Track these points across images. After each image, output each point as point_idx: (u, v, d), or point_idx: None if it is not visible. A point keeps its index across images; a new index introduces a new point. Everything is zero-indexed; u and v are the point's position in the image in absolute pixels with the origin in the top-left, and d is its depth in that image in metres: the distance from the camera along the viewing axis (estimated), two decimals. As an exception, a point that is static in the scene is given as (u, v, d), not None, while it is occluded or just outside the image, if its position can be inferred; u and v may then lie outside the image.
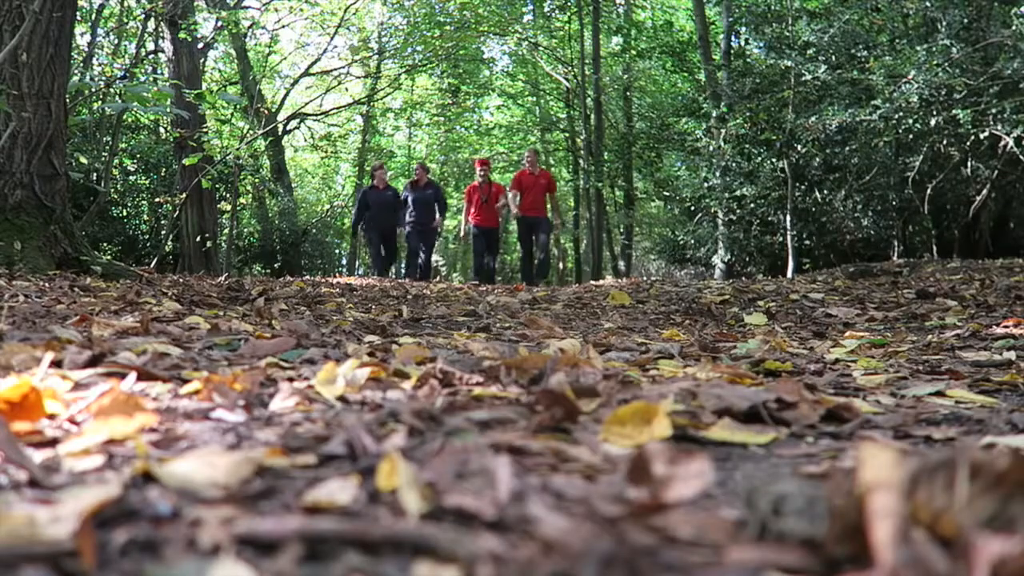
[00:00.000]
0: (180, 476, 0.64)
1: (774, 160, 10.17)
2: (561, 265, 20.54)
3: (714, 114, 10.45)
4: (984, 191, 8.95)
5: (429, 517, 0.58)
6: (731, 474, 0.81)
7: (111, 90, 7.99)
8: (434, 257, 10.59)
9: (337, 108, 17.78)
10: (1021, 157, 7.95)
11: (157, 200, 11.50)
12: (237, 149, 9.29)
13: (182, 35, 9.94)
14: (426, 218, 10.09)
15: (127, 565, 0.49)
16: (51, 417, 0.87)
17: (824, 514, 0.52)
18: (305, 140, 18.58)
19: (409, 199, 10.10)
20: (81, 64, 9.99)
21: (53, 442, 0.78)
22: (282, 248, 13.86)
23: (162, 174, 11.92)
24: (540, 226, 10.10)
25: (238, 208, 12.94)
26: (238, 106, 12.03)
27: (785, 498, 0.55)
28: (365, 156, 19.06)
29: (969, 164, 9.00)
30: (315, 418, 0.94)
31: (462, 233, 10.84)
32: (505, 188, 10.74)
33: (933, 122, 8.30)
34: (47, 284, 3.16)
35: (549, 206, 10.24)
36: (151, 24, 11.35)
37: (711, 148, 10.67)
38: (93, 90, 7.86)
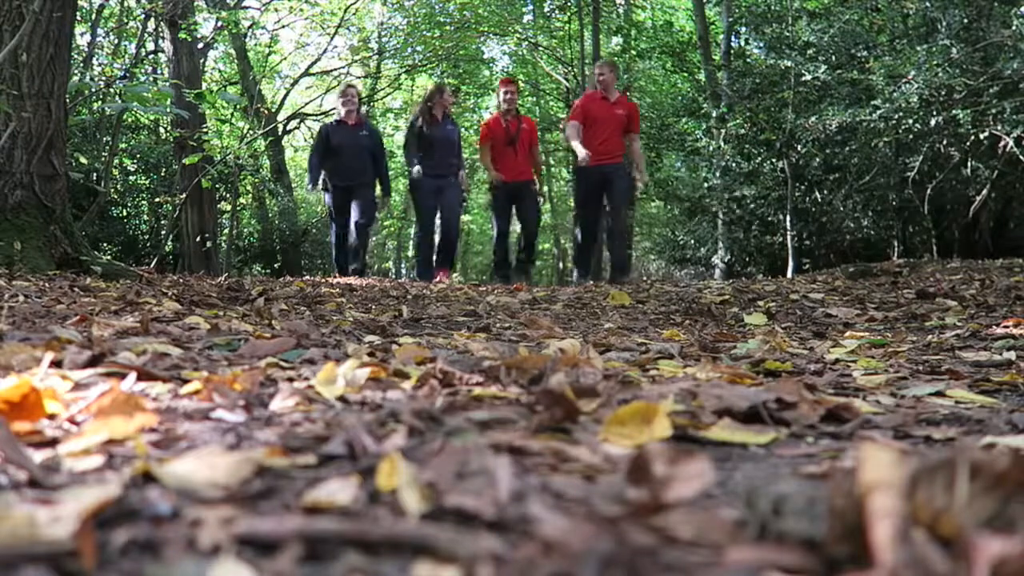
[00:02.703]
0: (180, 476, 0.64)
1: (774, 160, 10.17)
2: (561, 265, 20.51)
3: (714, 114, 10.45)
4: (984, 191, 8.96)
5: (429, 517, 0.58)
6: (731, 474, 0.81)
7: (111, 90, 8.00)
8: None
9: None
10: (1021, 157, 7.95)
11: (157, 200, 11.50)
12: (237, 149, 9.28)
13: (182, 35, 9.95)
14: (447, 166, 6.73)
15: (127, 565, 0.49)
16: (51, 417, 0.87)
17: (824, 514, 0.52)
18: (305, 140, 18.59)
19: (422, 138, 6.71)
20: (81, 64, 10.00)
21: (53, 442, 0.78)
22: (282, 248, 13.86)
23: (162, 174, 11.92)
24: (617, 182, 6.44)
25: (238, 208, 12.95)
26: (238, 106, 12.04)
27: (785, 498, 0.55)
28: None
29: (969, 164, 9.01)
30: (315, 418, 0.94)
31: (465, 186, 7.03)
32: (536, 125, 7.39)
33: (933, 122, 8.31)
34: (47, 284, 3.16)
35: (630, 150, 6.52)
36: (151, 24, 11.36)
37: (711, 148, 10.66)
38: (93, 90, 7.86)
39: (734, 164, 10.48)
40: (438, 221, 7.07)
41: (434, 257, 6.92)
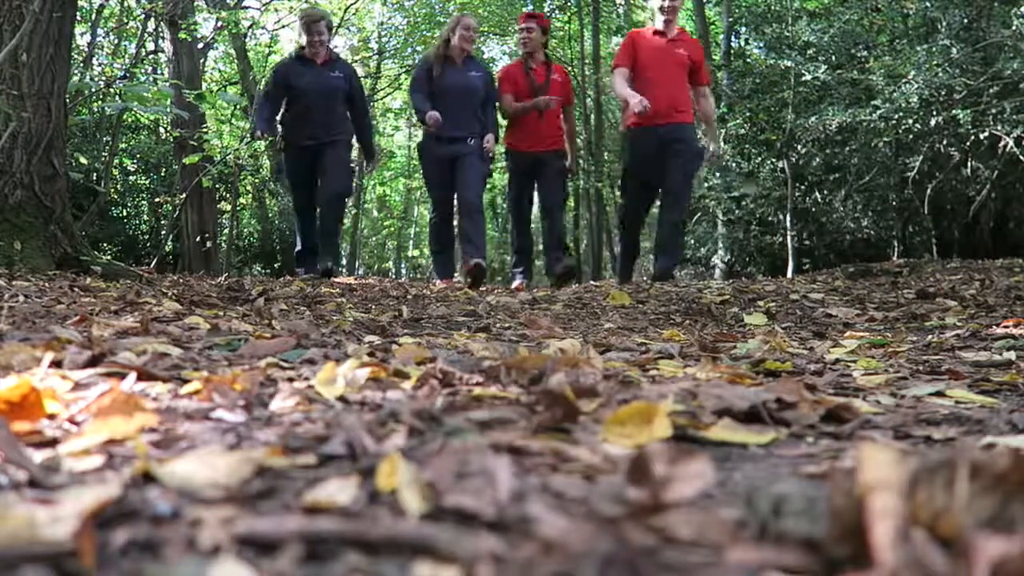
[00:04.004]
0: (180, 476, 0.64)
1: (774, 160, 10.17)
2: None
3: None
4: (984, 191, 8.96)
5: (429, 517, 0.58)
6: (731, 474, 0.81)
7: (111, 90, 7.99)
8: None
9: (337, 108, 17.75)
10: (1021, 157, 7.95)
11: (157, 200, 11.50)
12: (237, 149, 9.28)
13: (182, 35, 9.94)
14: (465, 126, 5.00)
15: (127, 565, 0.49)
16: (51, 417, 0.87)
17: (824, 514, 0.52)
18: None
19: (435, 85, 4.99)
20: (81, 64, 9.99)
21: (53, 442, 0.78)
22: (282, 248, 13.85)
23: (162, 174, 11.93)
24: (683, 146, 4.92)
25: (238, 208, 12.94)
26: (238, 106, 12.04)
27: (785, 499, 0.55)
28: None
29: (969, 164, 9.01)
30: (315, 418, 0.94)
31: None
32: (569, 76, 5.63)
33: (933, 122, 8.31)
34: (47, 284, 3.16)
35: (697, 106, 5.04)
36: (151, 24, 11.35)
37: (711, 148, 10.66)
38: (93, 90, 7.86)
39: (734, 164, 10.48)
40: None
41: (448, 256, 5.51)
